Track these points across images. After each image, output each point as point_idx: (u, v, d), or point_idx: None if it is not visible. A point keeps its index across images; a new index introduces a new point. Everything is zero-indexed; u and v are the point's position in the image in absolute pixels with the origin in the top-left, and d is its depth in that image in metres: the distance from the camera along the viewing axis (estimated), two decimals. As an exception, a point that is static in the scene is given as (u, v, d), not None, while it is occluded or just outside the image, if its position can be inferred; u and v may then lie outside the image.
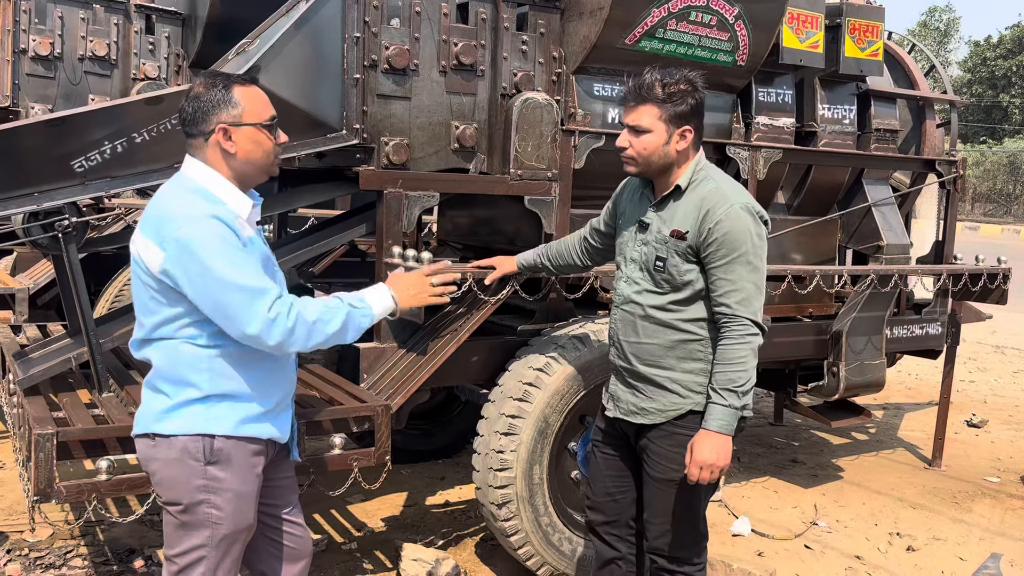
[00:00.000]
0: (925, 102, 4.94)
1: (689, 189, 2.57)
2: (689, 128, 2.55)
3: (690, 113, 2.55)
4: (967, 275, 4.77)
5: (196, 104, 2.14)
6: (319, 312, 2.17)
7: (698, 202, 2.53)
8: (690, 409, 2.58)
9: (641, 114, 2.55)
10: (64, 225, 2.81)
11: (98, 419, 2.75)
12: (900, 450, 5.72)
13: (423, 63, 3.32)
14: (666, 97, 2.52)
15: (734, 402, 2.46)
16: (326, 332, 2.18)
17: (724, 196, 2.52)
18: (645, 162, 2.57)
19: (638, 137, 2.56)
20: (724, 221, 2.47)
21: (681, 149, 2.55)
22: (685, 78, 2.55)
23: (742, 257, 2.48)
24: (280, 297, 2.11)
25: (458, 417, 5.09)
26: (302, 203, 3.71)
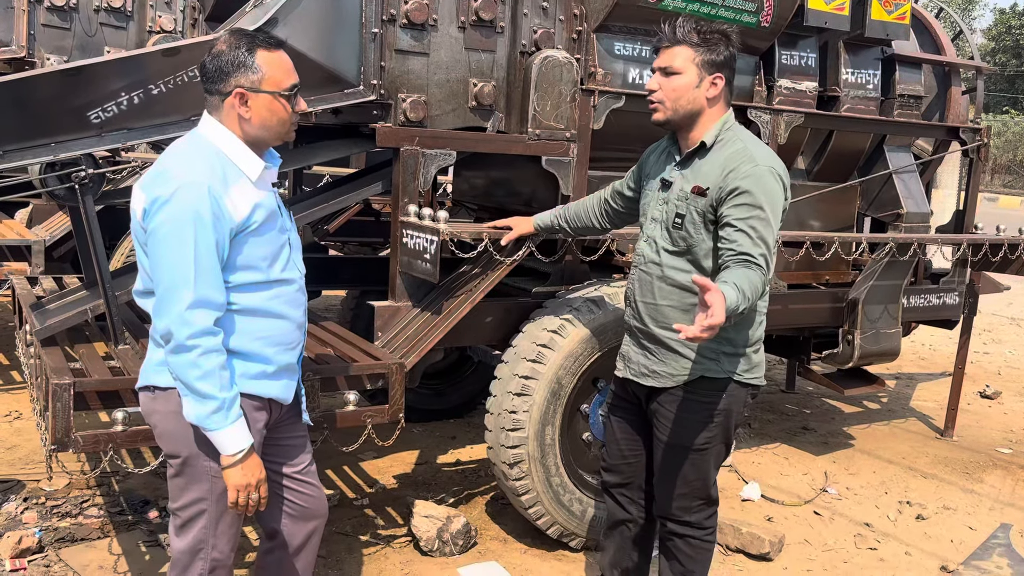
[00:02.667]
0: (951, 68, 4.85)
1: (715, 148, 2.53)
2: (720, 76, 2.51)
3: (723, 63, 2.51)
4: (988, 245, 4.71)
5: (217, 62, 2.11)
6: (220, 370, 2.03)
7: (723, 161, 2.49)
8: (701, 375, 2.56)
9: (675, 55, 2.51)
10: (81, 176, 2.81)
11: (114, 371, 2.77)
12: (912, 420, 5.70)
13: (442, 18, 3.27)
14: (701, 41, 2.49)
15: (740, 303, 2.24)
16: (203, 383, 2.00)
17: (751, 156, 2.47)
18: (673, 107, 2.53)
19: (668, 78, 2.52)
20: (748, 179, 2.43)
21: (711, 96, 2.51)
22: (721, 30, 2.54)
23: (763, 212, 2.41)
24: (219, 318, 2.05)
25: (470, 378, 5.11)
26: (317, 160, 3.69)
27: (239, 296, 2.12)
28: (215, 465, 2.12)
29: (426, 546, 3.46)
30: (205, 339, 2.01)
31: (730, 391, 2.59)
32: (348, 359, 3.07)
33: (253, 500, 2.12)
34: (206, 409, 2.02)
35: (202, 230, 2.00)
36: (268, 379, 2.19)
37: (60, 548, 3.34)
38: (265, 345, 2.17)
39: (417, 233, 3.22)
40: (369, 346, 3.24)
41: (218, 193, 2.04)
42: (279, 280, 2.19)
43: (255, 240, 2.12)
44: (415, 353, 3.15)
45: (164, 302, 2.03)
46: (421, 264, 3.20)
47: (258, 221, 2.12)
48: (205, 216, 2.01)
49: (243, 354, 2.14)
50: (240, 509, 2.13)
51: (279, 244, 2.20)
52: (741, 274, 2.32)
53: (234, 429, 2.06)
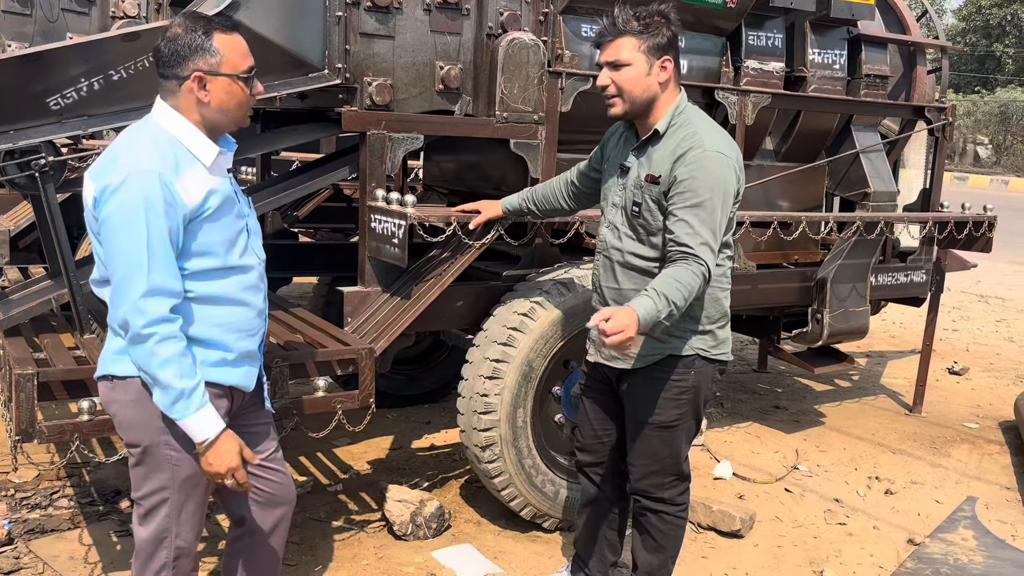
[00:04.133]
0: (916, 48, 4.89)
1: (668, 133, 2.54)
2: (668, 58, 2.52)
3: (667, 44, 2.52)
4: (953, 223, 4.77)
5: (173, 46, 2.08)
6: (180, 357, 2.01)
7: (673, 147, 2.50)
8: (669, 354, 2.59)
9: (620, 47, 2.51)
10: (41, 164, 2.77)
11: (80, 360, 2.74)
12: (882, 397, 5.78)
13: (407, 1, 3.25)
14: (643, 28, 2.49)
15: (663, 309, 2.32)
16: (163, 371, 1.99)
17: (700, 140, 2.48)
18: (630, 98, 2.53)
19: (618, 71, 2.52)
20: (692, 165, 2.44)
21: (662, 81, 2.52)
22: (659, 11, 2.52)
23: (707, 203, 2.42)
24: (175, 305, 2.04)
25: (444, 362, 5.11)
26: (284, 144, 3.67)
27: (196, 283, 2.10)
28: (175, 453, 2.11)
29: (400, 530, 3.46)
30: (161, 327, 1.99)
31: (698, 368, 2.61)
32: (317, 345, 3.06)
33: (231, 484, 2.11)
34: (168, 398, 2.01)
35: (154, 217, 1.98)
36: (229, 366, 2.18)
37: (30, 540, 3.32)
38: (225, 332, 2.16)
39: (385, 218, 3.21)
40: (338, 332, 3.23)
41: (169, 180, 2.02)
42: (237, 267, 2.18)
43: (210, 226, 2.11)
44: (385, 338, 3.14)
45: (119, 291, 2.01)
46: (390, 249, 3.19)
47: (212, 207, 2.10)
48: (156, 203, 1.99)
49: (203, 342, 2.13)
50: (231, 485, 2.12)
51: (236, 230, 2.18)
52: (672, 275, 2.37)
53: (201, 416, 2.05)
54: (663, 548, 2.77)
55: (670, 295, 2.32)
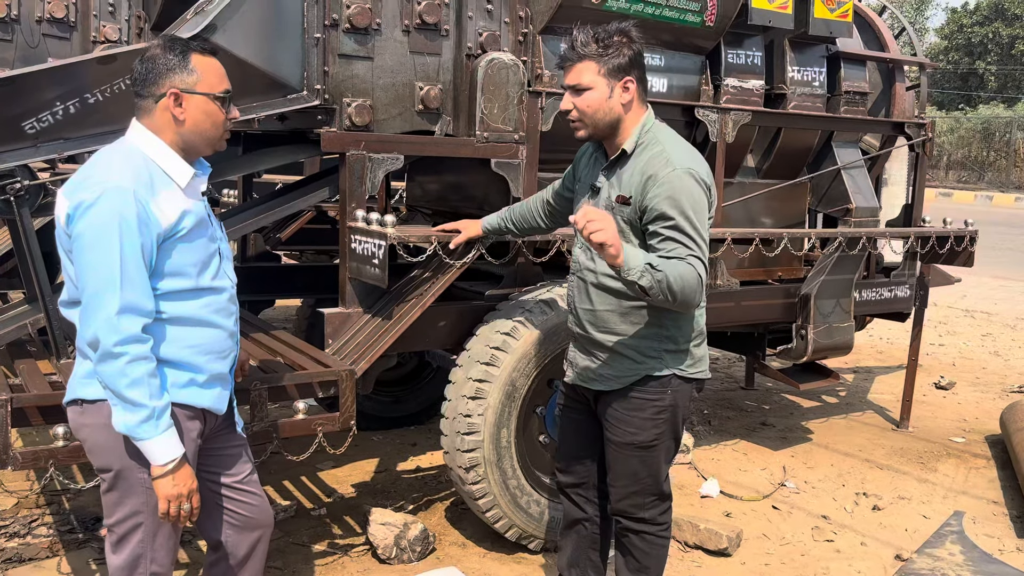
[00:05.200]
0: (895, 65, 4.93)
1: (635, 153, 2.53)
2: (631, 79, 2.50)
3: (629, 64, 2.49)
4: (934, 238, 4.79)
5: (150, 65, 2.09)
6: (150, 378, 1.99)
7: (642, 167, 2.48)
8: (646, 374, 2.57)
9: (580, 71, 2.50)
10: (16, 188, 2.75)
11: (55, 385, 2.71)
12: (869, 412, 5.78)
13: (386, 22, 3.26)
14: (602, 50, 2.47)
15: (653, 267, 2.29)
16: (132, 391, 1.97)
17: (667, 160, 2.46)
18: (592, 122, 2.53)
19: (580, 96, 2.51)
20: (664, 185, 2.42)
21: (625, 102, 2.51)
22: (619, 30, 2.50)
23: (684, 220, 2.40)
24: (147, 324, 2.02)
25: (430, 383, 5.08)
26: (265, 166, 3.66)
27: (168, 304, 2.09)
28: (149, 476, 2.08)
29: (384, 554, 3.43)
30: (133, 346, 1.97)
31: (675, 387, 2.60)
32: (297, 367, 3.03)
33: (185, 511, 2.09)
34: (136, 418, 1.98)
35: (128, 234, 1.97)
36: (199, 388, 2.16)
37: (8, 569, 3.27)
38: (196, 354, 2.14)
39: (365, 238, 3.20)
40: (319, 353, 3.21)
41: (144, 198, 2.01)
42: (209, 288, 2.17)
43: (184, 247, 2.10)
44: (366, 359, 3.12)
45: (90, 309, 1.99)
46: (370, 269, 3.18)
47: (187, 227, 2.10)
48: (131, 220, 1.98)
49: (173, 363, 2.11)
50: (172, 520, 2.09)
51: (209, 252, 2.18)
52: (667, 261, 2.34)
53: (165, 438, 2.02)
54: (646, 569, 2.75)
55: (666, 265, 2.31)
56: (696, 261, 2.38)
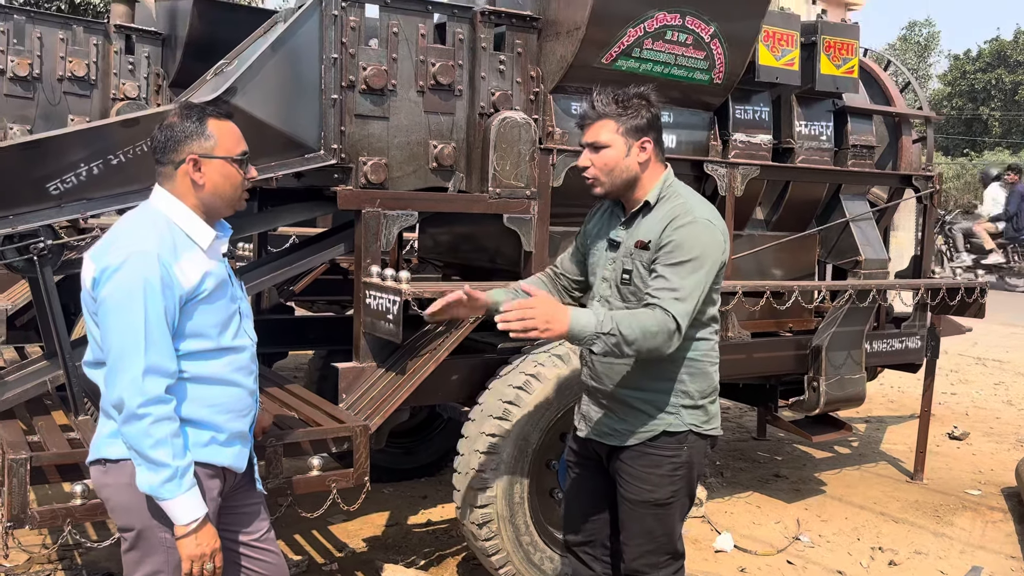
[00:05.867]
0: (901, 118, 4.99)
1: (658, 205, 2.57)
2: (648, 139, 2.55)
3: (647, 126, 2.55)
4: (945, 289, 4.81)
5: (169, 133, 2.16)
6: (173, 438, 2.03)
7: (663, 216, 2.52)
8: (663, 430, 2.57)
9: (599, 129, 2.55)
10: (39, 248, 2.80)
11: (73, 442, 2.73)
12: (883, 463, 5.74)
13: (401, 83, 3.33)
14: (621, 110, 2.53)
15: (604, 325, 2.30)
16: (156, 451, 2.00)
17: (688, 209, 2.51)
18: (609, 179, 2.56)
19: (598, 153, 2.56)
20: (684, 228, 2.46)
21: (642, 161, 2.55)
22: (638, 93, 2.56)
23: (691, 263, 2.42)
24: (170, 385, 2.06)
25: (440, 435, 5.08)
26: (281, 223, 3.71)
27: (190, 364, 2.12)
28: (170, 536, 2.09)
29: (396, 610, 3.40)
30: (157, 407, 2.01)
31: (691, 443, 2.60)
32: (312, 422, 3.05)
33: (208, 570, 2.09)
34: (159, 478, 2.01)
35: (152, 298, 2.02)
36: (220, 446, 2.19)
37: (19, 626, 3.26)
38: (216, 413, 2.17)
39: (380, 294, 3.23)
40: (333, 408, 3.22)
41: (168, 261, 2.06)
42: (230, 348, 2.20)
43: (205, 308, 2.14)
44: (380, 414, 3.14)
45: (115, 371, 2.03)
46: (384, 325, 3.21)
47: (208, 289, 2.14)
48: (155, 284, 2.03)
49: (195, 422, 2.14)
50: (208, 571, 2.10)
51: (230, 312, 2.22)
52: (630, 313, 2.38)
53: (188, 498, 2.04)
54: (660, 627, 2.71)
55: (619, 321, 2.32)
56: (674, 306, 2.37)
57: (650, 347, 2.37)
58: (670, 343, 2.39)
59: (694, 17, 3.69)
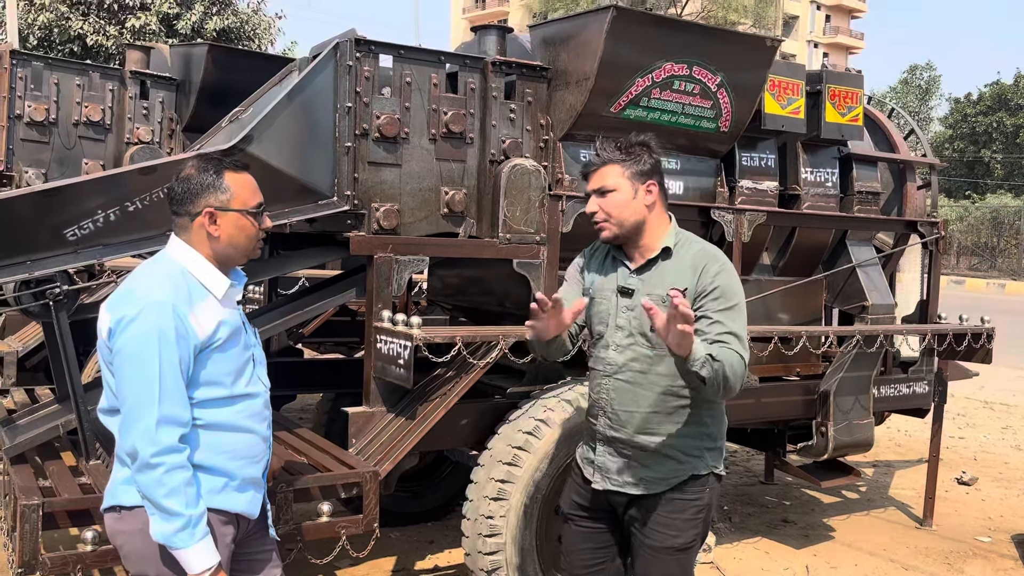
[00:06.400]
0: (905, 165, 5.04)
1: (676, 250, 2.61)
2: (653, 182, 2.60)
3: (651, 170, 2.61)
4: (951, 335, 4.82)
5: (186, 186, 2.19)
6: (186, 487, 2.03)
7: (691, 261, 2.57)
8: (691, 474, 2.58)
9: (604, 175, 2.60)
10: (55, 293, 2.83)
11: (84, 488, 2.74)
12: (891, 509, 5.70)
13: (413, 131, 3.39)
14: (625, 156, 2.59)
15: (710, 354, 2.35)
16: (170, 500, 2.01)
17: (715, 255, 2.60)
18: (618, 222, 2.59)
19: (605, 197, 2.60)
20: (722, 274, 2.54)
21: (649, 204, 2.59)
22: (640, 140, 2.63)
23: (737, 307, 2.53)
24: (184, 434, 2.08)
25: (447, 478, 5.06)
26: (293, 268, 3.75)
27: (204, 411, 2.14)
28: None
29: (404, 659, 3.37)
30: (171, 456, 2.03)
31: (711, 484, 2.62)
32: (321, 467, 3.05)
33: None
34: (172, 527, 2.01)
35: (167, 348, 2.05)
36: (234, 492, 2.20)
37: (24, 673, 3.23)
38: (230, 459, 2.19)
39: (391, 339, 3.25)
40: (343, 453, 3.23)
41: (183, 311, 2.09)
42: (244, 395, 2.22)
43: (219, 356, 2.16)
44: (390, 460, 3.14)
45: (130, 420, 2.05)
46: (395, 369, 3.23)
47: (223, 338, 2.17)
48: (170, 334, 2.05)
49: (208, 468, 2.15)
50: None
51: (243, 360, 2.24)
52: (723, 351, 2.41)
53: (201, 546, 2.05)
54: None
55: (720, 356, 2.37)
56: (742, 349, 2.46)
57: (732, 387, 2.43)
58: (743, 380, 2.46)
59: (701, 67, 3.76)
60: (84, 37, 14.76)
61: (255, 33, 16.34)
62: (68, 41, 14.83)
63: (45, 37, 14.96)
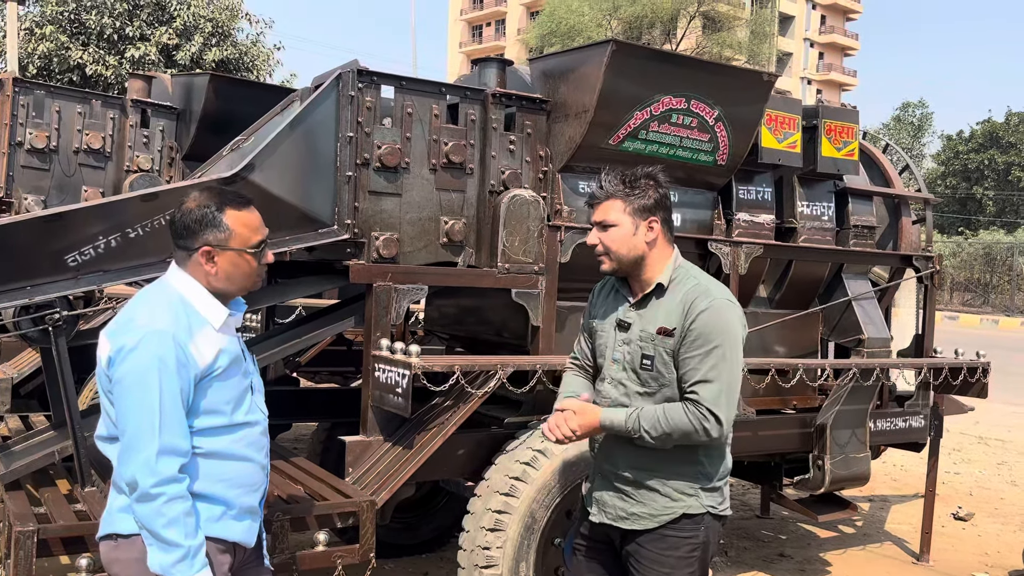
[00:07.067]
0: (900, 199, 5.09)
1: (671, 287, 2.60)
2: (655, 219, 2.58)
3: (654, 206, 2.59)
4: (947, 369, 4.83)
5: (186, 219, 2.18)
6: (185, 517, 2.02)
7: (682, 299, 2.55)
8: (683, 513, 2.55)
9: (607, 209, 2.60)
10: (55, 319, 2.83)
11: (80, 514, 2.72)
12: (888, 544, 5.67)
13: (414, 161, 3.41)
14: (629, 190, 2.58)
15: (629, 426, 2.49)
16: (168, 531, 2.00)
17: (707, 291, 2.55)
18: (617, 257, 2.60)
19: (606, 232, 2.60)
20: (706, 312, 2.50)
21: (650, 240, 2.58)
22: (647, 173, 2.61)
23: (718, 349, 2.48)
24: (183, 464, 2.06)
25: (442, 510, 5.02)
26: (292, 296, 3.76)
27: (203, 440, 2.14)
28: None
29: None
30: (170, 487, 2.01)
31: (707, 524, 2.58)
32: (318, 497, 3.04)
33: None
34: (172, 558, 2.00)
35: (167, 378, 2.04)
36: (232, 521, 2.19)
37: None
38: (228, 487, 2.17)
39: (389, 367, 3.25)
40: (339, 483, 3.21)
41: (183, 340, 2.08)
42: (243, 423, 2.22)
43: (219, 385, 2.16)
44: (386, 489, 3.13)
45: (129, 450, 2.04)
46: (393, 398, 3.22)
47: (222, 366, 2.16)
48: (170, 364, 2.05)
49: (207, 497, 2.14)
50: None
51: (242, 388, 2.24)
52: (665, 408, 2.48)
53: None
54: None
55: (644, 421, 2.48)
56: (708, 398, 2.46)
57: (686, 441, 2.48)
58: (710, 435, 2.46)
59: (699, 101, 3.80)
60: (83, 67, 14.87)
61: (254, 64, 16.48)
62: (68, 71, 14.95)
63: (45, 66, 15.08)
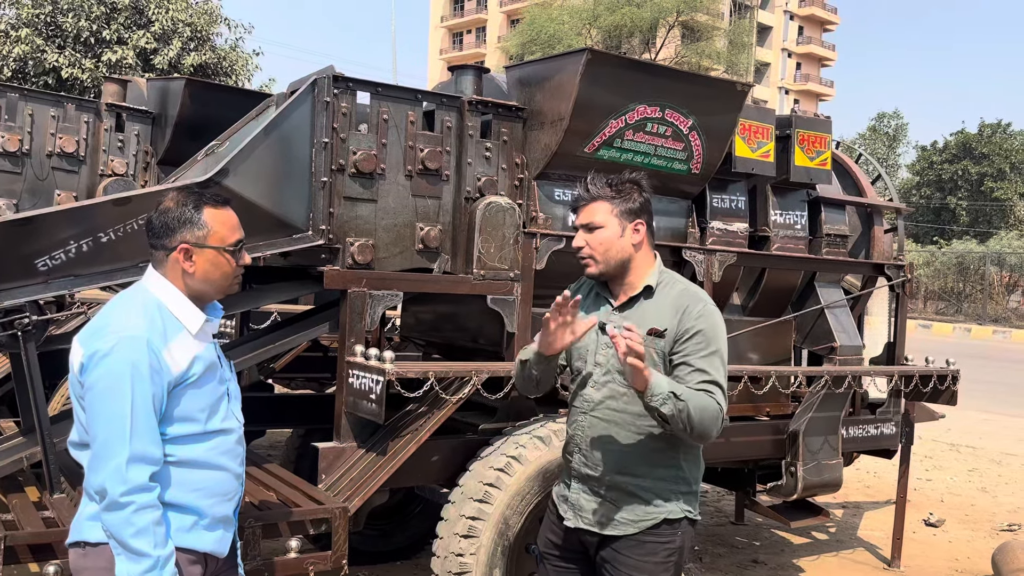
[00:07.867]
0: (873, 209, 5.15)
1: (659, 289, 2.61)
2: (641, 222, 2.61)
3: (640, 209, 2.61)
4: (918, 376, 4.89)
5: (163, 219, 2.16)
6: (155, 526, 2.00)
7: (673, 301, 2.56)
8: (664, 518, 2.55)
9: (593, 211, 2.61)
10: (24, 323, 2.80)
11: (48, 521, 2.69)
12: (860, 550, 5.72)
13: (390, 167, 3.42)
14: (615, 193, 2.60)
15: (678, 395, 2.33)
16: (137, 540, 1.98)
17: (698, 296, 2.59)
18: (604, 259, 2.60)
19: (592, 233, 2.61)
20: (704, 317, 2.53)
21: (636, 243, 2.60)
22: (631, 178, 2.64)
23: (718, 353, 2.51)
24: (155, 472, 2.05)
25: (417, 517, 5.01)
26: (267, 302, 3.74)
27: (176, 448, 2.11)
28: None
29: None
30: (140, 495, 1.99)
31: (683, 528, 2.59)
32: (291, 503, 3.02)
33: None
34: (139, 568, 1.97)
35: (139, 384, 2.01)
36: (203, 531, 2.16)
37: None
38: (201, 497, 2.14)
39: (363, 373, 3.25)
40: (312, 489, 3.20)
41: (157, 347, 2.06)
42: (217, 431, 2.19)
43: (193, 392, 2.13)
44: (359, 496, 3.12)
45: (99, 458, 2.01)
46: (367, 404, 3.22)
47: (197, 373, 2.13)
48: (143, 370, 2.02)
49: (178, 506, 2.11)
50: None
51: (218, 395, 2.21)
52: (691, 392, 2.40)
53: None
54: None
55: (685, 395, 2.35)
56: (719, 394, 2.45)
57: (704, 431, 2.41)
58: (719, 431, 2.45)
59: (673, 110, 3.83)
60: (59, 70, 14.73)
61: (232, 69, 16.39)
62: (43, 73, 14.79)
63: (20, 69, 14.91)
